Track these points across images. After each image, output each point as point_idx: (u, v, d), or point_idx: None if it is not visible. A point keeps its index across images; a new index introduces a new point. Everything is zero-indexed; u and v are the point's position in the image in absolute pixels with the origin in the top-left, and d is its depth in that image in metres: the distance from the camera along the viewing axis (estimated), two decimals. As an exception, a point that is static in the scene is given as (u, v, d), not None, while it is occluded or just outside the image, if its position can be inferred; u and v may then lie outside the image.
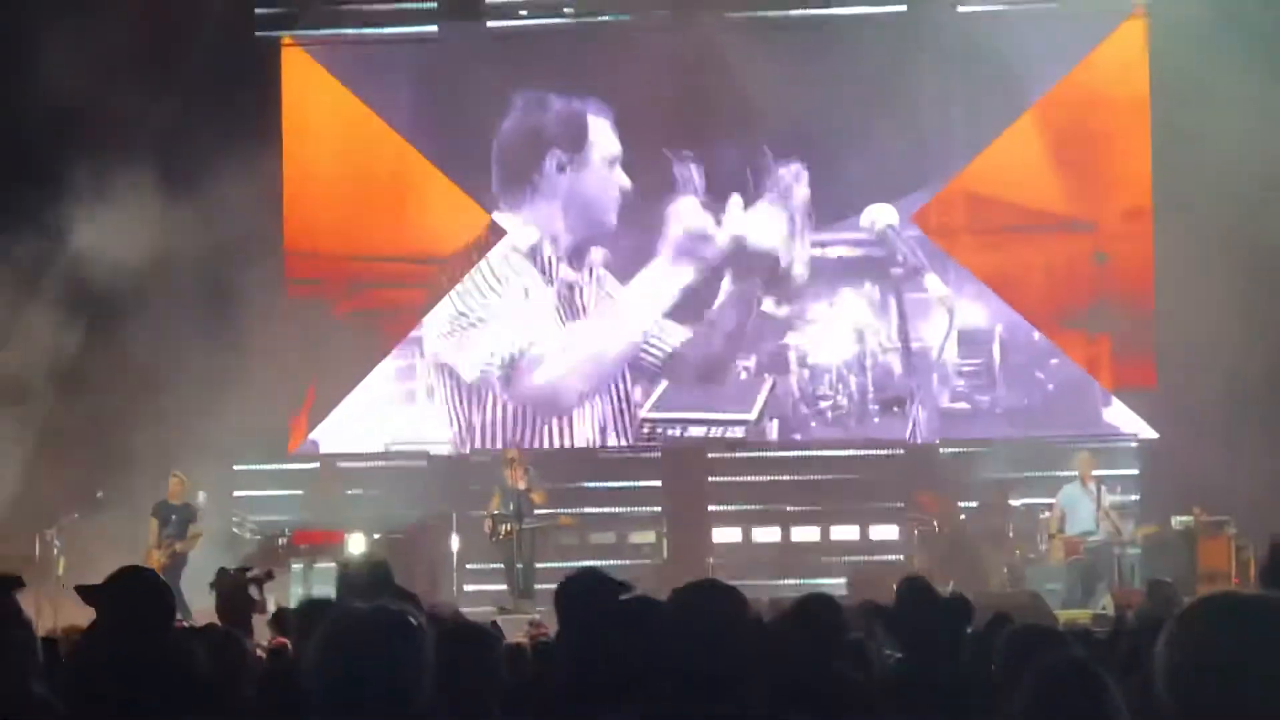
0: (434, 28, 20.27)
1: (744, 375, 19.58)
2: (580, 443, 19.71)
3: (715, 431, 19.63)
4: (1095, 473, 18.12)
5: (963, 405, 19.56)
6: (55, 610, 14.21)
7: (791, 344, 19.56)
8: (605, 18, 20.12)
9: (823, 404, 19.51)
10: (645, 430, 19.61)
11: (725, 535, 19.88)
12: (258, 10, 20.19)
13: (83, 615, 5.73)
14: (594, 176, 19.66)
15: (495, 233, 19.87)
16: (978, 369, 19.46)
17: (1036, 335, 19.57)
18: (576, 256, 19.72)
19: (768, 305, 19.60)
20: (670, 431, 19.61)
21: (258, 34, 20.17)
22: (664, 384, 19.57)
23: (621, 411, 19.65)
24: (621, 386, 19.65)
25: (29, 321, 18.31)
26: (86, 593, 5.00)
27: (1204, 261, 17.79)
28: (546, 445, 19.58)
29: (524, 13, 20.31)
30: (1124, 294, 19.43)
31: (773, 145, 19.46)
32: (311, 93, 20.21)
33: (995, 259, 19.69)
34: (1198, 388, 17.93)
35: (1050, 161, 19.56)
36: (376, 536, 17.96)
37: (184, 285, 18.64)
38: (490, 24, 20.22)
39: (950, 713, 5.56)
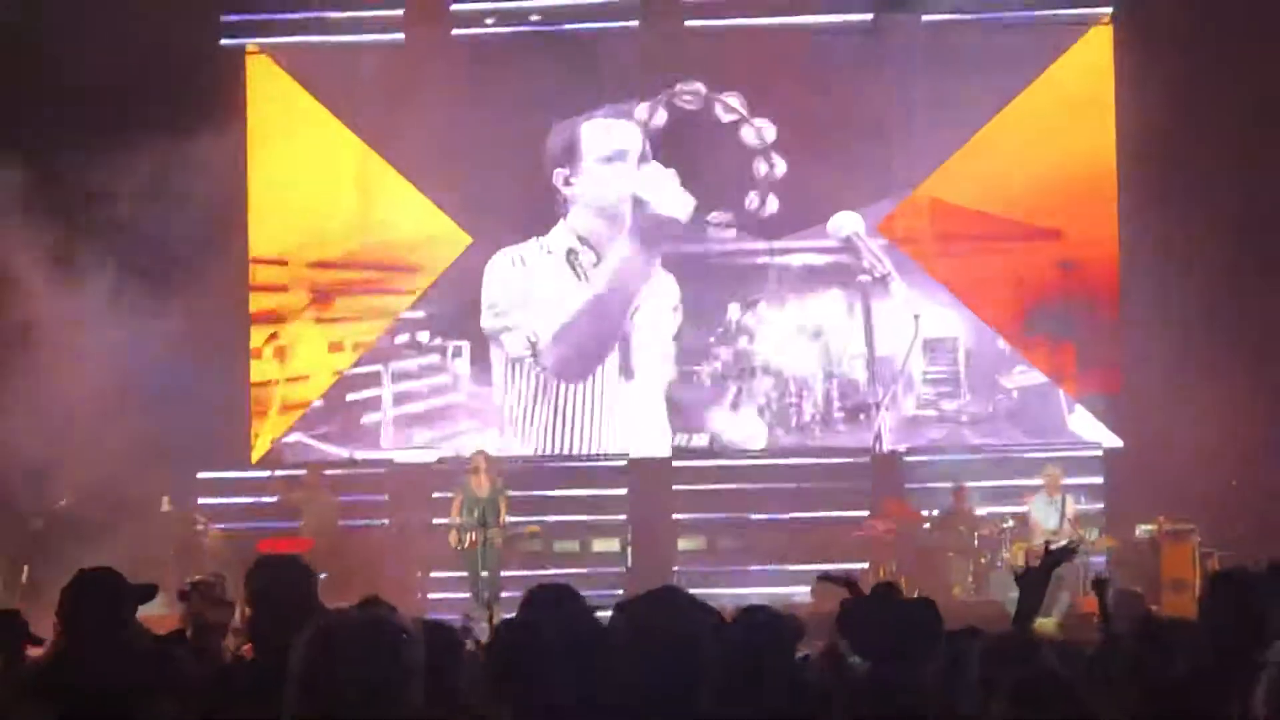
0: (400, 36, 20.18)
1: (708, 382, 19.60)
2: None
3: (680, 439, 19.66)
4: (1063, 482, 18.20)
5: (929, 412, 19.56)
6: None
7: (757, 350, 19.58)
8: (572, 26, 20.07)
9: (788, 411, 19.53)
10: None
11: (690, 543, 19.85)
12: (223, 18, 20.07)
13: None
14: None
15: (460, 237, 19.90)
16: (943, 377, 19.47)
17: (1001, 343, 19.60)
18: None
19: (733, 311, 19.62)
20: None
21: (223, 42, 20.07)
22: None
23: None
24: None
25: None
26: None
27: (1170, 269, 17.86)
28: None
29: (490, 20, 20.21)
30: (1089, 301, 19.49)
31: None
32: (277, 101, 20.15)
33: (960, 266, 19.71)
34: (1162, 395, 17.94)
35: (1015, 169, 19.58)
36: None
37: (144, 290, 18.41)
38: (456, 32, 20.14)
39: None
